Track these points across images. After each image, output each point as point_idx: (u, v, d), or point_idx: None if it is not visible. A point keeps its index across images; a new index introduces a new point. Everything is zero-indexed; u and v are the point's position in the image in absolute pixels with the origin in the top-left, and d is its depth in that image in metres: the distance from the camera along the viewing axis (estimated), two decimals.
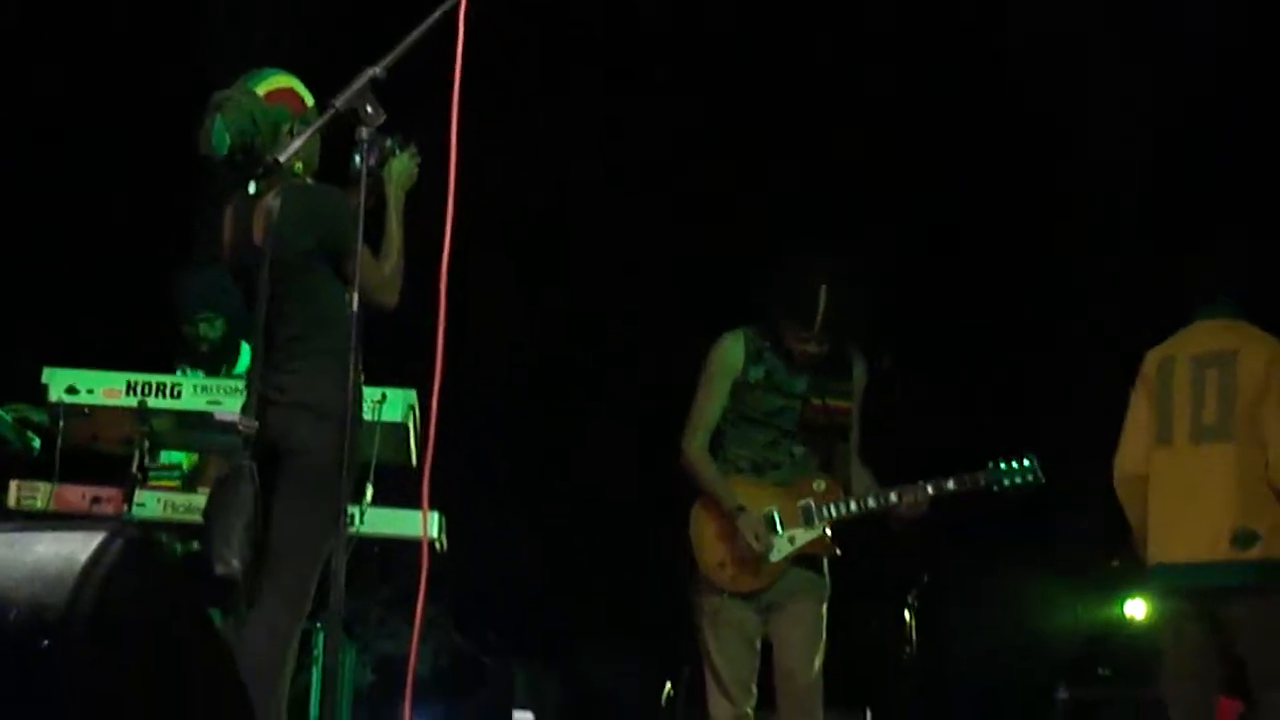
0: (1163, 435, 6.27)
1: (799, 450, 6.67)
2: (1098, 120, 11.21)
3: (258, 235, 5.65)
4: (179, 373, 7.74)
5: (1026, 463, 6.65)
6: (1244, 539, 5.91)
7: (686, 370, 6.79)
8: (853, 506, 6.59)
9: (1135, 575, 9.91)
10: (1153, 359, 6.34)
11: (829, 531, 6.58)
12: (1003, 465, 6.65)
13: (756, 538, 6.45)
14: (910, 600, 9.50)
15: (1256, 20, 10.52)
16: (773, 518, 6.52)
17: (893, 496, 6.61)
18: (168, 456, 7.70)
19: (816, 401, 6.64)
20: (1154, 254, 10.83)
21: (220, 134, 5.60)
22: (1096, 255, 11.21)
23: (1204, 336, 6.24)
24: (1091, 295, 11.35)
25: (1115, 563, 9.97)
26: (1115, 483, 6.49)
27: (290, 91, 5.74)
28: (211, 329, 7.87)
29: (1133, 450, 6.35)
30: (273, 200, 5.60)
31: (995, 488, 6.65)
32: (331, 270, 5.55)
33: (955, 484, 6.64)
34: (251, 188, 5.66)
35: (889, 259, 9.57)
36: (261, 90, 5.69)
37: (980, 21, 11.21)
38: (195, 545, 5.98)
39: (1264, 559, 5.90)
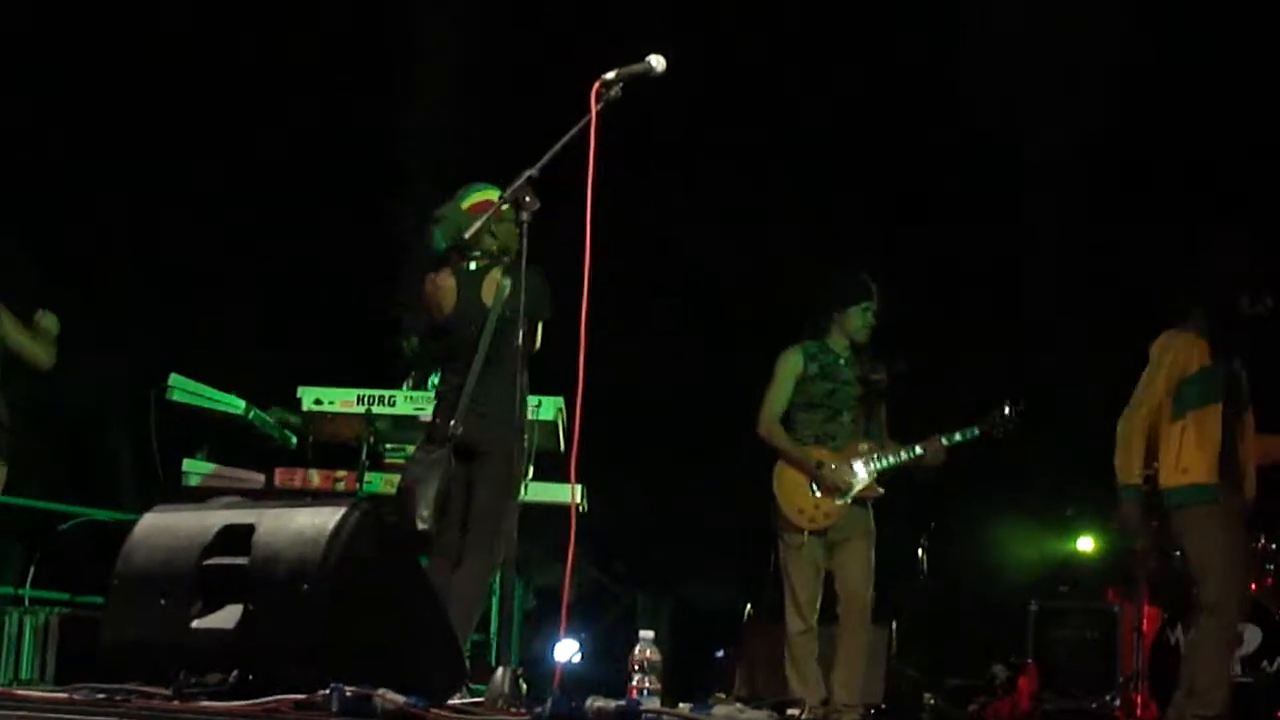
0: None
1: (847, 423, 6.70)
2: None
3: (487, 298, 5.84)
4: (409, 379, 7.78)
5: (1007, 410, 6.71)
6: (1149, 477, 6.02)
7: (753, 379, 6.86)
8: (890, 459, 6.64)
9: (1084, 519, 9.88)
10: None
11: (876, 480, 6.64)
12: (991, 416, 6.72)
13: (841, 479, 6.56)
14: (922, 540, 9.46)
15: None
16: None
17: (918, 449, 6.69)
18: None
19: (864, 376, 6.74)
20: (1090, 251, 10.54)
21: (440, 240, 5.99)
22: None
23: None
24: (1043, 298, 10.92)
25: (1069, 511, 9.97)
26: None
27: (488, 202, 5.83)
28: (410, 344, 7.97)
29: None
30: (503, 278, 5.81)
31: (993, 432, 6.72)
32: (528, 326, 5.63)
33: (961, 434, 6.72)
34: (471, 265, 5.95)
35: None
36: (466, 204, 5.97)
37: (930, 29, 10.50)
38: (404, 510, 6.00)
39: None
